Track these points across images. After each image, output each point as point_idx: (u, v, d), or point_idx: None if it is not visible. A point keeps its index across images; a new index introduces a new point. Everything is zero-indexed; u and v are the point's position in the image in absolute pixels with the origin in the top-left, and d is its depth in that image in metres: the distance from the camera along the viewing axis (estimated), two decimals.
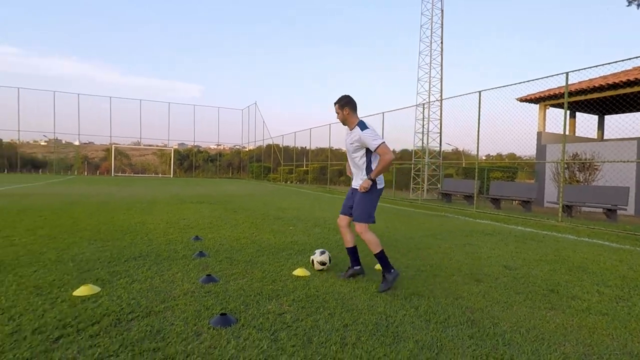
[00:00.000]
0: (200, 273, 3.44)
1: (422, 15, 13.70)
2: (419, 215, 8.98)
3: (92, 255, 3.85)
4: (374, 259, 3.93)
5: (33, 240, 4.42)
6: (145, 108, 35.15)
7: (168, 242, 4.62)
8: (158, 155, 45.24)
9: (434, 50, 13.62)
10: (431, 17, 13.52)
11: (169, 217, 6.81)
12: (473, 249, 5.12)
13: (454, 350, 2.20)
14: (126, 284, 3.03)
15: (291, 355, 2.04)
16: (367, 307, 2.81)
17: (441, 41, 13.77)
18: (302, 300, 2.88)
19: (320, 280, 3.40)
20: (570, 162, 10.79)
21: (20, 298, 2.64)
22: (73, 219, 6.09)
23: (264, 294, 2.97)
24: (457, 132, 13.68)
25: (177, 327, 2.31)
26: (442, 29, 13.66)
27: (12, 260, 3.56)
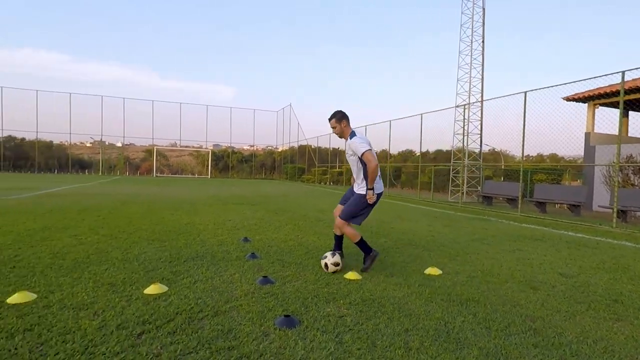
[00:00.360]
0: (255, 274, 3.57)
1: (462, 14, 13.41)
2: (461, 218, 8.80)
3: (153, 255, 4.09)
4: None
5: (98, 240, 4.74)
6: (183, 110, 36.43)
7: (220, 244, 4.81)
8: (194, 156, 46.73)
9: (475, 49, 13.28)
10: (472, 16, 13.16)
11: (215, 218, 7.07)
12: (523, 254, 4.98)
13: (520, 358, 2.18)
14: (190, 284, 3.20)
15: (358, 358, 2.09)
16: (423, 312, 2.82)
17: (482, 40, 13.39)
18: (359, 304, 2.93)
19: (372, 284, 3.44)
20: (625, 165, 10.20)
21: (99, 294, 2.86)
22: (128, 219, 6.45)
23: (320, 297, 3.05)
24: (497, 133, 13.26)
25: (245, 326, 2.43)
26: (484, 27, 13.29)
27: (84, 258, 3.85)
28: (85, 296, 2.81)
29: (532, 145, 26.88)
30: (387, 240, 5.53)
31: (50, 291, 2.88)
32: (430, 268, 4.00)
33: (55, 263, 3.63)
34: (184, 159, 49.18)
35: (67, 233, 5.07)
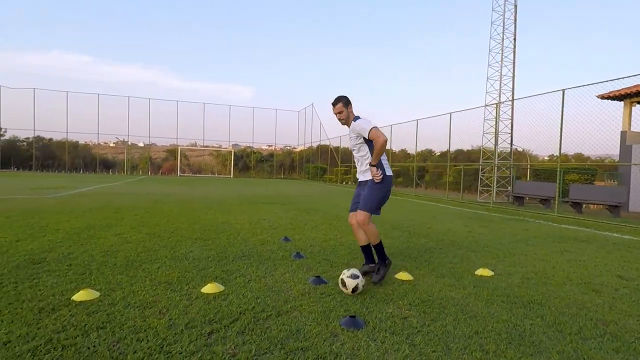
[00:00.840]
0: (305, 274, 3.53)
1: (493, 11, 13.06)
2: (496, 219, 8.58)
3: (200, 254, 4.10)
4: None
5: (142, 238, 4.79)
6: (204, 110, 36.88)
7: (262, 243, 4.80)
8: (214, 155, 47.29)
9: (506, 47, 12.91)
10: (503, 13, 12.80)
11: (249, 217, 7.08)
12: (572, 256, 4.80)
13: None
14: (244, 283, 3.19)
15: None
16: (487, 314, 2.73)
17: (514, 38, 13.01)
18: (419, 305, 2.86)
19: (426, 285, 3.36)
20: None
21: (159, 293, 2.87)
22: (165, 218, 6.53)
23: (377, 297, 2.98)
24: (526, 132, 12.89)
25: (312, 327, 2.39)
26: (515, 25, 12.91)
27: (134, 256, 3.89)
28: (146, 294, 2.82)
29: (555, 145, 26.03)
30: (428, 241, 5.42)
31: (111, 289, 2.91)
32: (481, 269, 3.89)
33: (108, 261, 3.68)
34: (204, 158, 49.86)
35: (111, 232, 5.15)
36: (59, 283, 2.99)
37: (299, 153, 42.24)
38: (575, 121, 10.93)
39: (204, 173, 42.89)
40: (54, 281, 3.04)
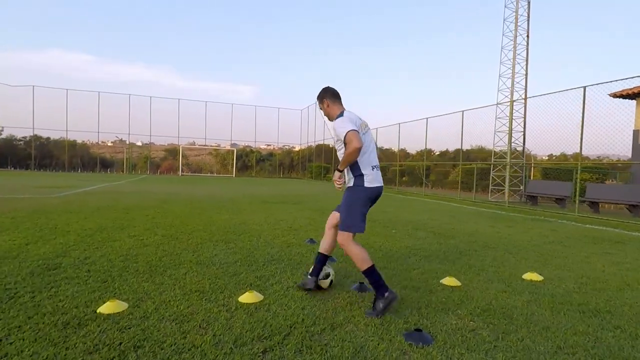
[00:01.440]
0: (344, 280, 3.27)
1: (505, 7, 12.79)
2: (518, 219, 8.33)
3: (226, 258, 3.81)
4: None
5: (160, 241, 4.50)
6: (204, 109, 36.46)
7: (287, 245, 4.52)
8: (213, 155, 46.88)
9: (519, 44, 12.63)
10: (516, 10, 12.52)
11: (264, 218, 6.79)
12: (615, 258, 4.55)
13: None
14: (283, 291, 2.91)
15: None
16: (560, 324, 2.47)
17: (527, 35, 12.73)
18: (482, 314, 2.58)
19: (478, 291, 3.08)
20: None
21: (193, 303, 2.58)
22: (179, 219, 6.23)
23: (432, 306, 2.71)
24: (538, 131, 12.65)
25: (375, 342, 2.11)
26: (529, 22, 12.64)
27: (156, 261, 3.59)
28: (179, 305, 2.53)
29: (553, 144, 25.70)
30: (458, 242, 5.15)
31: (139, 299, 2.62)
32: (529, 273, 3.62)
33: (129, 267, 3.38)
34: (203, 158, 49.45)
35: (125, 233, 4.85)
36: (80, 292, 2.70)
37: (299, 152, 41.89)
38: (589, 120, 10.70)
39: (203, 172, 42.49)
40: (74, 290, 2.74)
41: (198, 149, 45.65)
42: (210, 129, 37.28)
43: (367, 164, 2.83)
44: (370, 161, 2.86)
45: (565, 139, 13.61)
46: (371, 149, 2.89)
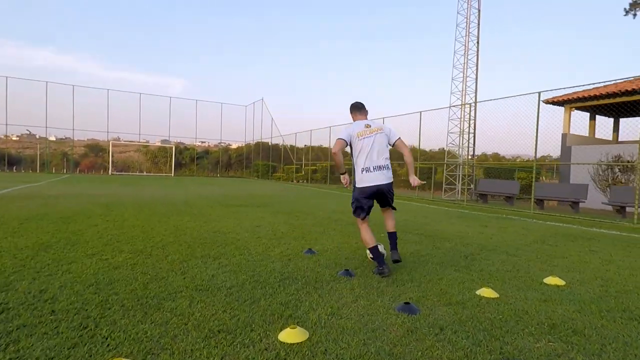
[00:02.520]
0: (378, 298, 2.84)
1: (457, 14, 13.30)
2: (487, 218, 8.55)
3: (228, 280, 3.16)
4: None
5: (131, 260, 3.67)
6: (135, 102, 33.40)
7: (288, 259, 3.96)
8: (142, 152, 43.41)
9: (470, 49, 13.21)
10: (467, 17, 13.09)
11: (238, 224, 6.10)
12: (605, 256, 4.70)
13: None
14: (324, 320, 2.39)
15: None
16: (629, 337, 2.30)
17: (477, 41, 13.38)
18: (551, 332, 2.33)
19: (521, 303, 2.85)
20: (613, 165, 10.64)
21: (227, 352, 1.97)
22: (139, 228, 5.29)
23: (497, 326, 2.40)
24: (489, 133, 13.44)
25: None
26: (479, 28, 13.28)
27: (143, 290, 2.84)
28: (213, 355, 1.91)
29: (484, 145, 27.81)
30: (456, 246, 4.99)
31: (148, 352, 1.94)
32: (550, 278, 3.52)
33: (109, 301, 2.60)
34: (131, 155, 45.58)
35: (79, 252, 3.91)
36: (55, 350, 1.93)
37: (237, 150, 40.49)
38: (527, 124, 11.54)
39: (131, 171, 39.06)
40: (45, 346, 1.96)
41: (124, 146, 41.88)
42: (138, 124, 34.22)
43: (357, 167, 3.40)
44: (359, 164, 3.39)
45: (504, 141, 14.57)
46: (364, 153, 3.36)
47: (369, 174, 3.35)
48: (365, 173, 3.35)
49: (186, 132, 36.16)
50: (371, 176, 3.35)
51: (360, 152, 3.36)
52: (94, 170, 35.63)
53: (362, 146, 3.35)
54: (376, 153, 3.38)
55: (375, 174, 3.35)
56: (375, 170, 3.35)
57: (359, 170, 3.37)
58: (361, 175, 3.38)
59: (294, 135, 25.99)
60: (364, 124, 3.45)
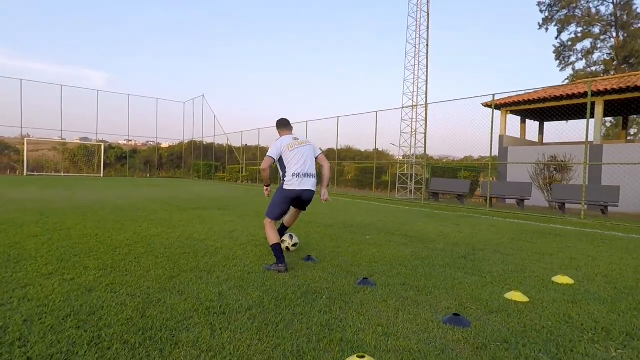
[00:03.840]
0: (417, 309, 2.58)
1: (408, 16, 13.64)
2: (453, 217, 8.75)
3: (242, 298, 2.67)
4: None
5: (105, 279, 2.98)
6: (34, 93, 29.54)
7: (292, 268, 3.53)
8: (59, 150, 38.99)
9: (420, 51, 13.64)
10: (417, 20, 13.48)
11: (208, 229, 5.47)
12: (583, 251, 4.95)
13: None
14: (375, 342, 2.06)
15: None
16: None
17: (427, 44, 13.85)
18: (608, 338, 2.25)
19: (554, 305, 2.77)
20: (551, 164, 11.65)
21: None
22: (93, 238, 4.45)
23: (555, 333, 2.26)
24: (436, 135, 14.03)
25: None
26: (428, 32, 13.75)
27: (140, 317, 2.25)
28: None
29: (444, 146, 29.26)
30: (446, 246, 4.92)
31: None
32: (560, 277, 3.54)
33: (100, 336, 2.00)
34: (45, 153, 40.68)
35: (31, 270, 3.10)
36: None
37: (168, 149, 38.17)
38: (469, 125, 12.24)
39: (46, 171, 34.81)
40: None
41: (36, 143, 37.21)
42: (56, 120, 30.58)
43: (289, 172, 3.63)
44: (291, 170, 3.63)
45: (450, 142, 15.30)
46: (296, 161, 3.63)
47: (300, 179, 3.62)
48: (296, 178, 3.61)
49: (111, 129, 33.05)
50: (302, 181, 3.63)
51: (291, 161, 3.63)
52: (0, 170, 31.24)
53: (294, 155, 3.65)
54: (308, 162, 3.71)
55: (305, 180, 3.64)
56: (305, 177, 3.64)
57: (290, 174, 3.61)
58: (292, 180, 3.61)
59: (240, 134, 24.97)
60: (291, 138, 3.76)
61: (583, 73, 34.61)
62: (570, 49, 35.44)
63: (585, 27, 34.55)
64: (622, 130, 19.01)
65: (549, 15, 35.15)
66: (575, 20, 34.49)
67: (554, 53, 36.53)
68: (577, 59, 35.76)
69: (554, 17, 34.96)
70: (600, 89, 13.33)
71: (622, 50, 32.41)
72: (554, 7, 34.73)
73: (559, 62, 36.67)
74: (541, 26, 35.64)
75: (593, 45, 34.61)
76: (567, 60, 36.39)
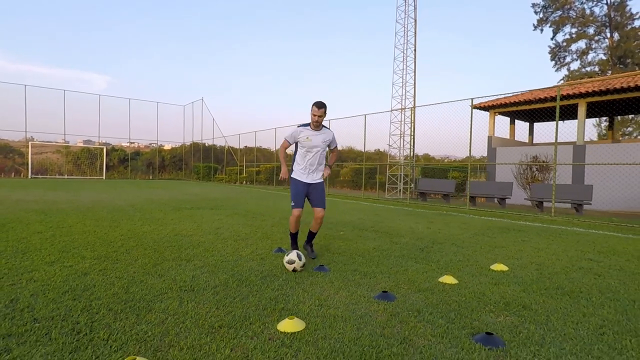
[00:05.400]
0: (357, 290, 3.08)
1: (396, 22, 14.17)
2: (431, 215, 9.25)
3: (211, 280, 3.20)
4: None
5: (99, 265, 3.52)
6: (39, 98, 30.27)
7: (261, 258, 4.07)
8: (63, 153, 39.73)
9: (408, 56, 14.17)
10: (405, 26, 14.02)
11: (197, 227, 6.00)
12: (535, 244, 5.42)
13: None
14: (315, 311, 2.58)
15: None
16: (566, 309, 2.79)
17: (414, 49, 14.39)
18: (507, 309, 2.74)
19: (478, 287, 3.28)
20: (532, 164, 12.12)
21: (235, 343, 2.08)
22: (92, 234, 4.99)
23: (464, 306, 2.76)
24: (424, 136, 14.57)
25: (449, 352, 2.03)
26: (415, 37, 14.29)
27: (124, 292, 2.78)
28: (221, 349, 2.00)
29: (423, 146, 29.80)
30: (410, 240, 5.43)
31: (156, 350, 1.98)
32: (496, 264, 4.04)
33: (93, 306, 2.53)
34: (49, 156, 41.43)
35: (37, 259, 3.64)
36: (57, 354, 1.90)
37: (170, 151, 38.79)
38: (460, 126, 12.70)
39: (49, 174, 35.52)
40: (43, 352, 1.91)
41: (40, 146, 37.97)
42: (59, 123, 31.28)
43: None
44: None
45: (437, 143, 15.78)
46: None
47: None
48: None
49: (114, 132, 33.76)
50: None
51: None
52: (3, 173, 31.92)
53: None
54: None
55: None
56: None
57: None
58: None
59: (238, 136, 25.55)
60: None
61: (578, 74, 35.02)
62: (565, 49, 35.89)
63: (579, 27, 34.98)
64: (608, 130, 19.44)
65: (543, 17, 35.61)
66: (570, 22, 34.94)
67: (550, 54, 36.95)
68: (572, 59, 36.20)
69: (548, 18, 35.40)
70: (582, 91, 13.79)
71: (617, 50, 32.78)
72: (549, 8, 35.18)
73: (554, 63, 37.10)
74: (536, 27, 36.05)
75: (588, 46, 35.01)
76: (563, 61, 36.83)
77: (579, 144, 14.12)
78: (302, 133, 4.00)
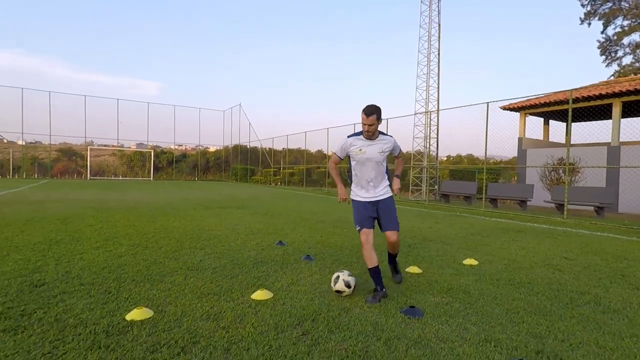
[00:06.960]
0: (329, 275, 3.73)
1: (420, 27, 14.53)
2: (441, 215, 9.63)
3: (214, 263, 4.01)
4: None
5: (131, 251, 4.46)
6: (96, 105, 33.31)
7: (262, 248, 4.84)
8: (117, 156, 43.23)
9: (432, 60, 14.47)
10: (429, 30, 14.32)
11: (219, 223, 6.91)
12: (521, 244, 5.76)
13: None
14: (285, 287, 3.28)
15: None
16: (500, 294, 3.26)
17: (438, 53, 14.64)
18: (449, 292, 3.28)
19: (437, 275, 3.80)
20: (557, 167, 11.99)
21: (215, 305, 2.84)
22: (132, 227, 6.04)
23: (411, 289, 3.34)
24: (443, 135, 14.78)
25: (382, 318, 2.64)
26: (439, 41, 14.55)
27: (146, 270, 3.66)
28: (203, 307, 2.77)
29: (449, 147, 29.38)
30: (404, 238, 5.96)
31: (159, 305, 2.79)
32: (468, 259, 4.51)
33: (121, 277, 3.42)
34: (106, 159, 45.22)
35: (86, 245, 4.66)
36: (93, 304, 2.76)
37: (214, 153, 40.91)
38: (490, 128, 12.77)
39: (106, 175, 38.85)
40: (85, 302, 2.78)
41: (98, 150, 41.61)
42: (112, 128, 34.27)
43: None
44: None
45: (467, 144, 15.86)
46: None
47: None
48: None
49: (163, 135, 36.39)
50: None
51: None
52: (67, 174, 35.30)
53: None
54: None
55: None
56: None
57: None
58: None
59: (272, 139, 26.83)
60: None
61: (631, 68, 32.81)
62: (617, 43, 33.75)
63: (633, 19, 32.79)
64: None
65: (591, 10, 33.76)
66: (622, 13, 32.85)
67: (599, 48, 34.90)
68: (624, 53, 33.98)
69: (597, 10, 33.52)
70: (616, 90, 13.36)
71: None
72: (597, 0, 33.31)
73: (604, 58, 35.01)
74: (583, 21, 34.23)
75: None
76: (615, 55, 34.66)
77: (614, 145, 13.66)
78: (354, 145, 3.29)
